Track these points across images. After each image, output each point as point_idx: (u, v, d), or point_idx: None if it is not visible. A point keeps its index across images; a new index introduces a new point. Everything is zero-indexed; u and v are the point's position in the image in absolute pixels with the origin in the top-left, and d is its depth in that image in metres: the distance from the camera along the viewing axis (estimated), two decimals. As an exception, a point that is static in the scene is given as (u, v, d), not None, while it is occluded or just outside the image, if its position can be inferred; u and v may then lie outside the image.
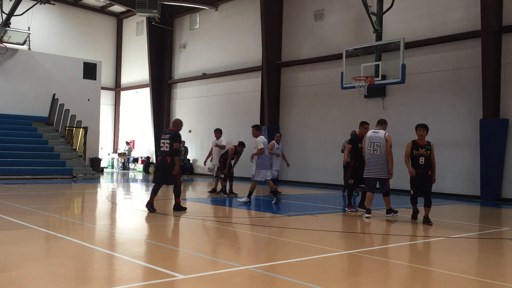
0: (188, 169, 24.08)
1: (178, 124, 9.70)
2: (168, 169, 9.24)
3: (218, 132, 13.86)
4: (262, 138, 11.34)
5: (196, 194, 14.51)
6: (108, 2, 26.71)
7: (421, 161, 8.54)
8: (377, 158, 9.11)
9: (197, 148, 24.52)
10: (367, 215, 9.12)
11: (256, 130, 11.57)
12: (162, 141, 9.50)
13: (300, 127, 19.52)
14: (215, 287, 4.31)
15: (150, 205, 9.25)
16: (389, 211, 9.27)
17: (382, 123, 9.46)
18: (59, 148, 20.83)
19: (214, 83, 23.56)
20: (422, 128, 8.65)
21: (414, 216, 8.89)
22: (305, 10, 19.50)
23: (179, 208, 9.44)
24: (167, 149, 9.28)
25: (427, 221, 8.49)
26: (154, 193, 9.38)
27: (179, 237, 7.46)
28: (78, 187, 15.79)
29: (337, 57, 16.86)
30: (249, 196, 11.22)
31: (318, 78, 18.90)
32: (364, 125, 10.12)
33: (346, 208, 10.19)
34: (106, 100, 28.94)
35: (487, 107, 13.88)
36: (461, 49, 14.90)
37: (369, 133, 9.38)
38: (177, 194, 9.46)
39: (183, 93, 25.66)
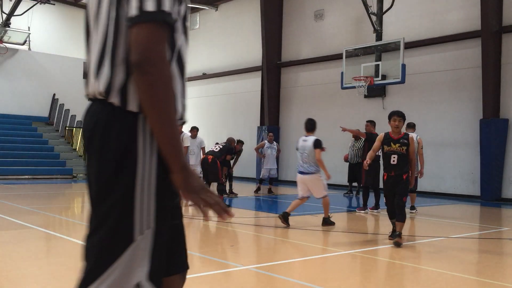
0: None
1: (231, 141, 11.87)
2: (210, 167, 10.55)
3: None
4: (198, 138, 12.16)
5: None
6: (108, 2, 26.72)
7: (393, 161, 6.49)
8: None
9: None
10: (413, 211, 9.93)
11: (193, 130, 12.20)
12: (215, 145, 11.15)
13: (300, 127, 19.38)
14: (215, 287, 4.31)
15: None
16: (412, 207, 10.02)
17: (412, 126, 10.20)
18: (59, 148, 20.84)
19: (214, 83, 23.57)
20: (397, 116, 6.57)
21: (393, 234, 6.62)
22: (305, 10, 19.50)
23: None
24: (216, 150, 10.70)
25: (396, 237, 6.33)
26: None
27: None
28: (78, 187, 15.78)
29: (337, 57, 16.86)
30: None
31: (318, 78, 18.90)
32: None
33: (368, 209, 10.07)
34: (106, 100, 28.95)
35: (487, 107, 13.88)
36: (461, 49, 14.90)
37: None
38: (220, 192, 10.46)
39: (183, 93, 25.62)
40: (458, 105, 14.89)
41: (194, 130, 12.38)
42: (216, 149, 10.80)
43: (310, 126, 8.13)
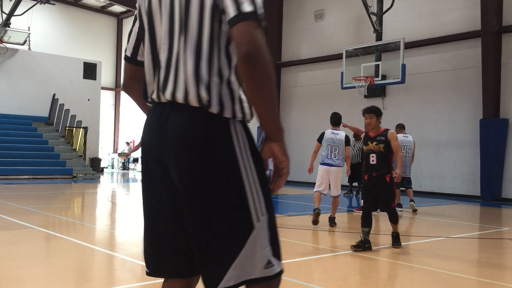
0: None
1: None
2: None
3: None
4: None
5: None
6: (108, 2, 26.72)
7: (372, 160, 6.03)
8: (408, 160, 10.43)
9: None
10: (399, 209, 10.03)
11: None
12: None
13: (300, 127, 19.53)
14: (215, 287, 4.30)
15: None
16: (412, 200, 10.42)
17: (402, 127, 10.69)
18: (59, 148, 20.84)
19: (214, 83, 23.56)
20: (367, 113, 6.07)
21: (358, 244, 5.92)
22: (305, 10, 19.50)
23: None
24: None
25: (395, 241, 6.21)
26: None
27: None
28: (78, 187, 15.79)
29: (337, 57, 16.86)
30: None
31: (318, 78, 18.90)
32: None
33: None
34: (106, 100, 28.94)
35: (487, 107, 13.88)
36: (461, 49, 14.91)
37: (400, 137, 10.24)
38: None
39: (183, 93, 25.62)
40: (458, 105, 14.90)
41: None
42: None
43: (337, 120, 8.18)
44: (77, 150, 21.56)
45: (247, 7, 1.59)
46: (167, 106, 1.73)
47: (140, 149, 8.60)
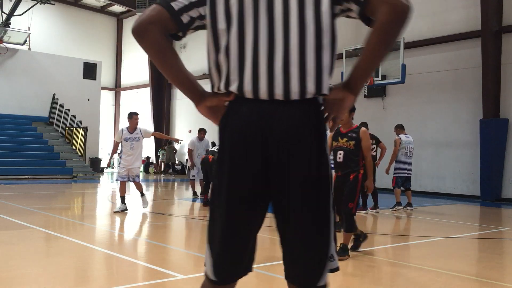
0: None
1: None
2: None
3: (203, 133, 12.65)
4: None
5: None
6: (108, 2, 26.73)
7: (339, 158, 5.66)
8: (411, 160, 10.68)
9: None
10: (399, 207, 10.36)
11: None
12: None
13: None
14: (215, 287, 4.30)
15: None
16: (410, 204, 10.60)
17: (401, 127, 10.87)
18: (59, 148, 20.85)
19: (214, 83, 23.55)
20: None
21: (355, 244, 5.79)
22: (305, 10, 19.51)
23: None
24: (217, 150, 11.01)
25: (341, 252, 5.34)
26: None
27: (179, 237, 7.46)
28: (78, 187, 15.79)
29: (337, 57, 16.83)
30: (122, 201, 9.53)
31: (318, 78, 18.90)
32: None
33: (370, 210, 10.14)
34: (106, 100, 28.95)
35: (487, 107, 13.88)
36: (461, 49, 14.90)
37: (403, 137, 10.60)
38: None
39: (183, 93, 25.64)
40: (458, 105, 14.90)
41: (202, 132, 12.38)
42: (217, 149, 10.68)
43: None
44: (77, 150, 21.57)
45: None
46: (267, 103, 1.65)
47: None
